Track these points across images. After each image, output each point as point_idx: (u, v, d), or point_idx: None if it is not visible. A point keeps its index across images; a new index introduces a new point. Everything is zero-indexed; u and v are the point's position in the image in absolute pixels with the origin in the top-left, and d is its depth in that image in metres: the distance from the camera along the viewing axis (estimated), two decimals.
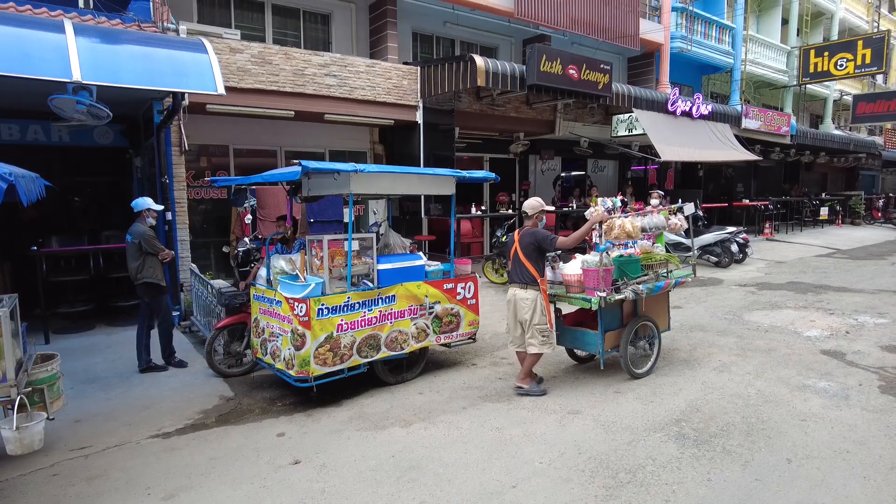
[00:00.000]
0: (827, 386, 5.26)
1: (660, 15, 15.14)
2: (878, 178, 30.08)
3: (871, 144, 23.34)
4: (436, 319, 5.52)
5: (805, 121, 23.90)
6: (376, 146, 11.32)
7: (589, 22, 12.74)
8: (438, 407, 4.94)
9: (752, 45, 18.96)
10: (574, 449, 4.05)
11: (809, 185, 24.50)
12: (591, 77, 10.62)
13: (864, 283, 10.51)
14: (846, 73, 19.32)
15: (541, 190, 15.26)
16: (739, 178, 19.60)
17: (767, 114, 17.11)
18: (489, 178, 6.00)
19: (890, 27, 25.37)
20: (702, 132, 13.96)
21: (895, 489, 3.52)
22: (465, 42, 13.08)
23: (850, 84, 24.55)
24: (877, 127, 26.37)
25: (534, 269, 4.99)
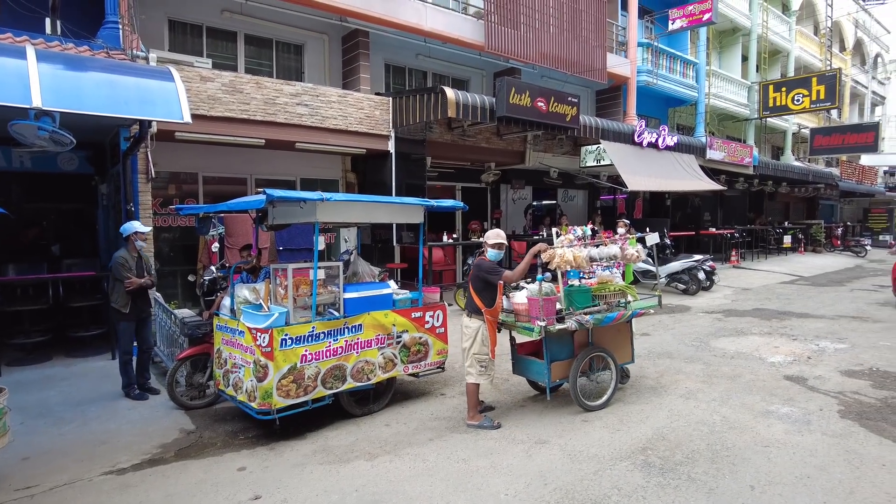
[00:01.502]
0: (789, 411, 5.34)
1: (626, 50, 15.65)
2: (836, 208, 31.17)
3: (829, 175, 24.25)
4: (404, 349, 5.47)
5: (767, 152, 24.76)
6: (348, 174, 11.34)
7: (558, 56, 13.09)
8: (405, 439, 4.86)
9: (715, 80, 19.68)
10: (540, 480, 4.02)
11: (773, 214, 25.26)
12: (560, 109, 10.86)
13: (825, 310, 10.79)
14: (803, 107, 20.15)
15: (512, 218, 15.44)
16: (706, 207, 20.12)
17: (731, 145, 17.68)
18: (458, 206, 6.04)
19: (841, 65, 26.64)
20: (668, 163, 14.34)
21: None
22: (437, 74, 13.31)
23: (807, 118, 25.57)
24: (833, 159, 27.44)
25: (479, 299, 5.02)
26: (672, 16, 16.89)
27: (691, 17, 16.45)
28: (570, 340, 5.38)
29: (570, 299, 5.31)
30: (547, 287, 5.09)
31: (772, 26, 22.01)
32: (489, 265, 5.02)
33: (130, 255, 6.07)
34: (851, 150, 24.96)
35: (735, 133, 22.56)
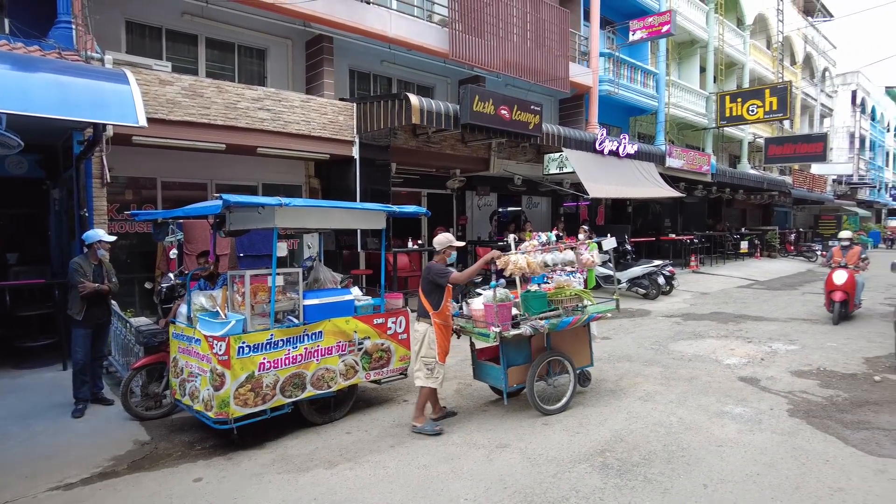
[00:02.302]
0: (742, 412, 5.50)
1: (588, 59, 15.96)
2: (790, 214, 32.32)
3: (782, 183, 25.15)
4: (365, 355, 5.44)
5: (724, 160, 25.53)
6: (312, 180, 11.24)
7: (521, 65, 13.26)
8: (366, 446, 4.83)
9: (675, 90, 20.21)
10: (500, 483, 4.04)
11: (731, 220, 26.05)
12: (523, 117, 11.00)
13: (779, 312, 11.16)
14: (757, 118, 20.86)
15: (478, 224, 15.53)
16: (666, 213, 20.60)
17: (689, 153, 18.18)
18: (420, 213, 6.05)
19: (792, 78, 27.72)
20: (628, 170, 14.65)
21: None
22: (402, 80, 13.32)
23: (761, 128, 26.48)
24: (787, 167, 28.46)
25: (427, 302, 5.04)
26: (632, 27, 17.31)
27: (651, 29, 16.89)
28: (528, 345, 5.43)
29: (527, 304, 5.35)
30: (502, 293, 5.10)
31: (727, 39, 22.75)
32: (438, 267, 5.05)
33: (89, 262, 5.88)
34: (802, 159, 25.96)
35: (694, 142, 23.20)
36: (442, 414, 5.36)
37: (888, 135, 47.65)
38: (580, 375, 6.02)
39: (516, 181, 14.15)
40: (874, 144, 43.56)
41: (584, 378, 6.14)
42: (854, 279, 9.78)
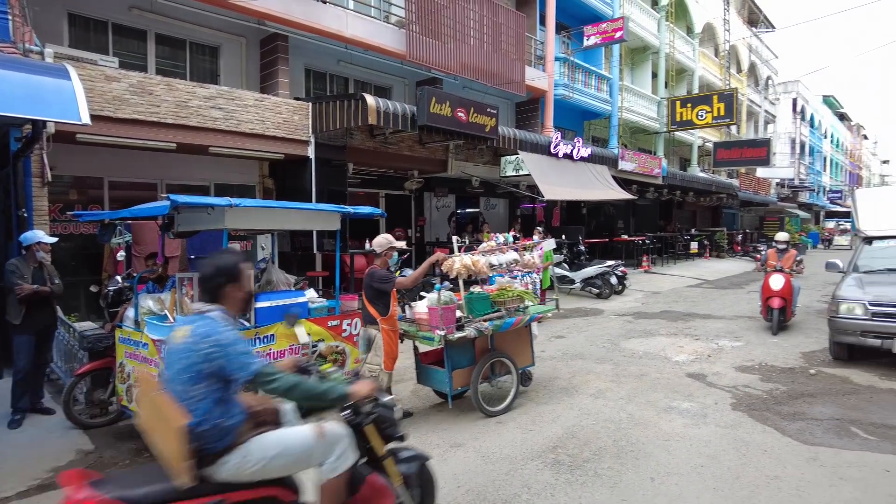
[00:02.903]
0: (689, 406, 5.71)
1: (544, 64, 16.23)
2: (737, 216, 33.61)
3: (730, 186, 26.15)
4: (319, 358, 5.39)
5: (675, 164, 26.36)
6: (266, 180, 11.07)
7: (479, 67, 13.38)
8: None
9: (628, 95, 20.76)
10: (454, 482, 4.08)
11: (681, 221, 26.92)
12: (479, 120, 11.11)
13: (726, 310, 11.61)
14: (706, 122, 21.62)
15: (436, 226, 15.58)
16: (620, 215, 21.13)
17: (641, 157, 18.71)
18: (376, 213, 6.05)
19: (738, 85, 28.87)
20: (582, 173, 14.97)
21: (738, 497, 3.85)
22: (358, 81, 13.25)
23: (710, 132, 27.47)
24: (734, 171, 29.60)
25: (374, 309, 4.96)
26: (587, 32, 17.69)
27: (604, 35, 17.30)
28: (472, 347, 5.40)
29: (471, 307, 5.33)
30: (446, 296, 5.06)
31: (678, 46, 23.52)
32: (382, 273, 4.99)
33: (27, 265, 5.62)
34: (748, 163, 27.06)
35: (646, 145, 23.86)
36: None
37: (825, 141, 50.13)
38: (522, 375, 6.06)
39: (474, 183, 14.27)
40: (813, 150, 45.75)
41: (525, 378, 6.18)
42: (791, 284, 9.25)
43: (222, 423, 2.40)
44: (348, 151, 10.91)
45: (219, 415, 2.39)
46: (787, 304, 9.25)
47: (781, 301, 9.15)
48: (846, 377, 6.71)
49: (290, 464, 2.53)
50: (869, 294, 7.11)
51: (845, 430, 5.04)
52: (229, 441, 2.41)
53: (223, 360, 2.37)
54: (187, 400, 2.37)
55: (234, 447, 2.41)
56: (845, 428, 5.10)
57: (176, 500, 2.25)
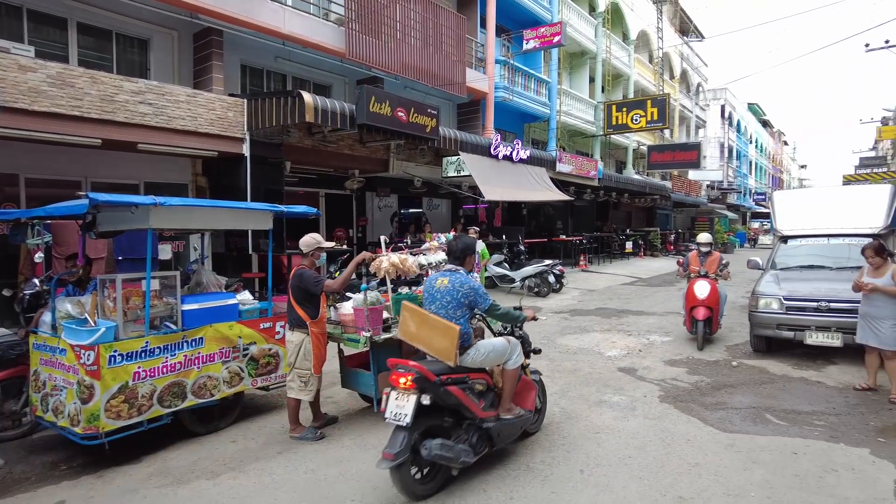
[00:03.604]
0: (619, 400, 5.92)
1: (485, 66, 16.42)
2: (670, 217, 35.07)
3: (663, 188, 27.26)
4: (251, 361, 5.27)
5: (612, 166, 27.23)
6: (199, 178, 10.70)
7: (419, 68, 13.39)
8: (252, 454, 4.68)
9: (566, 99, 21.29)
10: (389, 482, 4.06)
11: (617, 222, 27.84)
12: (420, 120, 11.13)
13: (658, 307, 12.09)
14: (640, 126, 22.46)
15: (379, 226, 15.49)
16: (559, 215, 21.65)
17: (578, 159, 19.22)
18: (310, 213, 5.96)
19: (670, 91, 30.13)
20: (522, 175, 15.24)
21: (662, 485, 4.03)
22: (297, 78, 13.00)
23: (644, 136, 28.54)
24: (667, 173, 30.87)
25: (302, 310, 4.85)
26: (526, 36, 18.03)
27: (543, 39, 17.68)
28: (398, 349, 5.29)
29: (398, 307, 5.29)
30: (373, 296, 4.99)
31: (614, 52, 24.33)
32: (311, 274, 4.89)
33: None
34: (680, 165, 28.29)
35: (584, 148, 24.55)
36: (324, 421, 5.26)
37: (751, 146, 53.06)
38: None
39: (416, 183, 14.27)
40: (740, 154, 48.33)
41: None
42: (717, 291, 8.24)
43: (468, 332, 4.12)
44: (285, 149, 10.69)
45: (465, 328, 4.07)
46: (714, 315, 8.25)
47: (707, 311, 8.14)
48: (764, 368, 7.13)
49: (495, 358, 4.27)
50: (784, 290, 7.58)
51: (760, 418, 5.36)
52: (468, 342, 4.13)
53: (474, 296, 4.10)
54: (453, 318, 4.04)
55: (470, 347, 4.12)
56: (760, 415, 5.42)
57: (449, 373, 3.92)
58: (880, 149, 47.78)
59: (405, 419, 3.68)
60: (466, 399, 3.99)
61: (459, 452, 3.81)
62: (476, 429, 4.06)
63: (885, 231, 8.41)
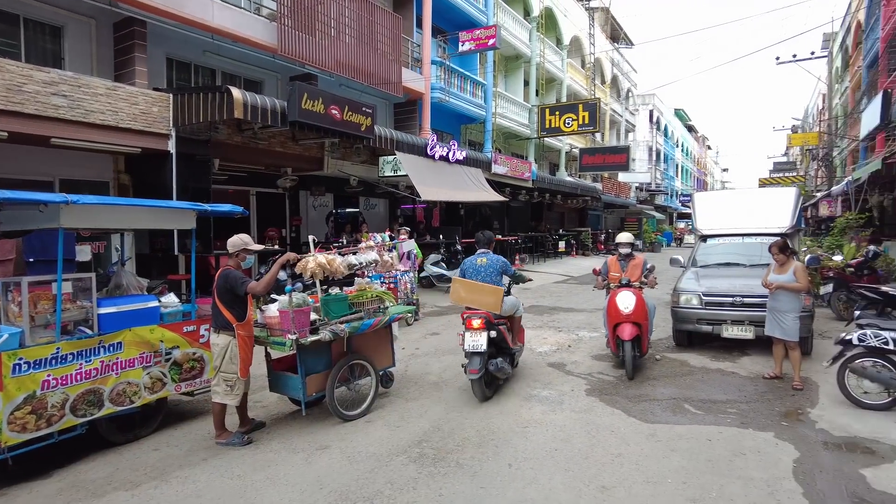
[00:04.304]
0: (548, 394, 6.08)
1: (421, 66, 16.46)
2: (601, 217, 36.32)
3: (594, 189, 28.19)
4: (174, 366, 5.07)
5: (546, 168, 27.92)
6: (122, 176, 10.17)
7: (354, 66, 13.26)
8: (175, 462, 4.51)
9: (501, 101, 21.65)
10: (316, 485, 4.02)
11: (551, 222, 28.57)
12: (354, 118, 11.03)
13: (587, 304, 12.49)
14: (572, 130, 23.13)
15: (313, 225, 15.23)
16: (495, 216, 21.99)
17: (513, 161, 19.60)
18: (236, 211, 5.80)
19: (601, 96, 31.20)
20: (458, 175, 15.38)
21: (587, 475, 4.18)
22: (227, 73, 12.58)
23: (576, 139, 29.43)
24: (598, 175, 31.94)
25: (228, 312, 4.72)
26: (462, 38, 18.20)
27: (478, 41, 17.90)
28: (328, 351, 5.26)
29: (327, 309, 5.23)
30: (298, 298, 4.92)
31: (548, 57, 24.94)
32: (236, 275, 4.75)
33: None
34: (610, 168, 29.33)
35: (519, 150, 25.03)
36: (251, 426, 5.13)
37: (677, 150, 55.72)
38: (383, 376, 6.07)
39: (352, 182, 14.13)
40: (667, 157, 50.67)
41: (386, 379, 6.17)
42: (644, 302, 6.79)
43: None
44: (214, 146, 10.34)
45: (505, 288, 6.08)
46: (643, 333, 6.77)
47: (634, 329, 6.60)
48: (685, 361, 7.51)
49: (510, 309, 6.24)
50: (703, 286, 8.01)
51: (679, 408, 5.65)
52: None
53: (504, 266, 6.15)
54: (495, 282, 5.95)
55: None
56: (680, 405, 5.71)
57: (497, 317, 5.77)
58: (791, 154, 51.36)
59: (481, 347, 5.54)
60: (505, 335, 6.06)
61: (506, 367, 5.91)
62: (508, 354, 6.16)
63: (792, 230, 9.05)
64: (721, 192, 13.84)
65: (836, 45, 30.95)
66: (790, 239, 8.36)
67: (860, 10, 23.80)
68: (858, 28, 24.71)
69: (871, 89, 20.43)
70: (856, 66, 25.30)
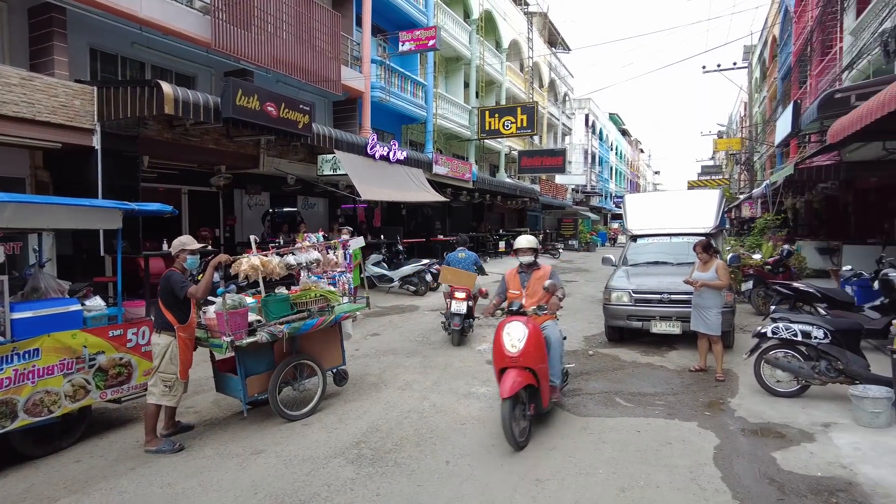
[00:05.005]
0: (486, 391, 6.19)
1: (361, 65, 16.32)
2: (540, 218, 37.15)
3: (532, 191, 28.81)
4: (99, 373, 4.82)
5: (486, 170, 28.27)
6: (40, 173, 9.56)
7: (292, 63, 13.00)
8: (100, 473, 4.30)
9: (442, 102, 21.76)
10: (251, 490, 3.94)
11: (492, 222, 28.99)
12: (291, 116, 10.82)
13: None
14: (511, 132, 23.55)
15: (249, 225, 14.83)
16: (437, 216, 22.08)
17: (454, 162, 19.75)
18: (165, 210, 5.59)
19: (539, 99, 31.92)
20: (399, 175, 15.36)
21: (522, 469, 4.28)
22: (157, 67, 12.05)
23: (515, 141, 29.97)
24: (536, 177, 32.66)
25: (169, 314, 4.67)
26: (402, 38, 18.18)
27: (418, 42, 17.94)
28: (270, 352, 5.19)
29: (267, 309, 5.17)
30: (234, 300, 4.84)
31: (487, 59, 25.27)
32: (178, 278, 4.69)
33: None
34: (548, 170, 30.07)
35: (460, 151, 25.25)
36: (175, 429, 4.99)
37: (611, 153, 57.71)
38: (336, 375, 6.08)
39: (290, 181, 13.85)
40: (602, 160, 52.38)
41: (339, 377, 6.18)
42: (539, 337, 4.80)
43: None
44: (142, 143, 9.89)
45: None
46: (539, 378, 4.73)
47: (521, 377, 4.55)
48: (616, 356, 7.81)
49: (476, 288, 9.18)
50: (633, 283, 8.35)
51: (610, 401, 5.88)
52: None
53: (476, 261, 9.36)
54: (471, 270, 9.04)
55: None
56: (611, 399, 5.95)
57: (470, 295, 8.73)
58: (717, 158, 54.19)
59: (462, 310, 8.41)
60: (474, 303, 8.84)
61: (472, 323, 8.87)
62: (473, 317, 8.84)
63: (715, 230, 9.58)
64: (650, 194, 14.47)
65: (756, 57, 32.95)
66: (713, 238, 8.85)
67: (775, 25, 25.45)
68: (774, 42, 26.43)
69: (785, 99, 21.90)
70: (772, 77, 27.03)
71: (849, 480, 4.00)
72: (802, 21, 18.53)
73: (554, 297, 5.20)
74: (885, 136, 7.84)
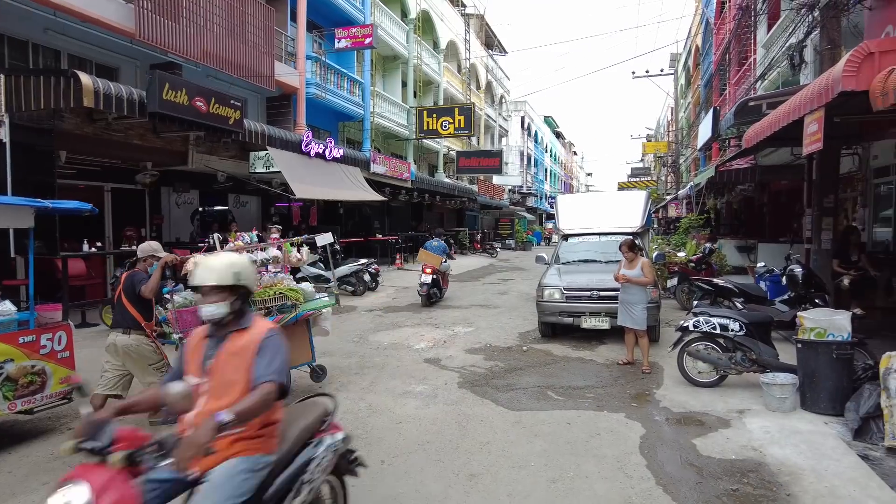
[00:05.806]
0: (422, 389, 6.22)
1: (296, 61, 15.99)
2: (478, 218, 37.62)
3: (470, 191, 29.15)
4: (8, 382, 4.51)
5: (425, 170, 28.35)
6: None
7: (223, 57, 12.58)
8: (8, 490, 4.03)
9: (379, 101, 21.65)
10: None
11: (431, 222, 29.07)
12: (221, 111, 10.49)
13: (464, 300, 12.91)
14: (449, 133, 23.73)
15: (177, 224, 14.27)
16: (375, 215, 21.97)
17: (392, 161, 19.70)
18: (84, 209, 5.30)
19: (476, 101, 32.31)
20: (335, 173, 15.18)
21: (456, 465, 4.34)
22: (75, 56, 11.35)
23: (454, 142, 30.21)
24: (474, 177, 33.04)
25: (138, 313, 4.75)
26: (338, 35, 17.95)
27: (355, 39, 17.77)
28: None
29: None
30: (183, 297, 4.86)
31: (425, 59, 25.33)
32: (140, 277, 4.78)
33: None
34: (485, 171, 30.49)
35: (398, 150, 25.20)
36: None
37: (546, 155, 59.13)
38: (312, 371, 6.19)
39: (220, 178, 13.42)
40: (537, 162, 53.58)
41: (315, 373, 6.26)
42: None
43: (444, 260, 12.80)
44: (59, 136, 9.32)
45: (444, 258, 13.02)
46: None
47: None
48: (549, 351, 8.03)
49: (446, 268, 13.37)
50: (564, 281, 8.61)
51: (543, 395, 6.04)
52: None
53: (444, 248, 13.17)
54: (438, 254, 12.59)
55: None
56: (543, 393, 6.12)
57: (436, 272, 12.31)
58: (646, 161, 56.61)
59: (429, 280, 11.90)
60: (443, 280, 12.69)
61: (437, 294, 12.38)
62: (439, 289, 12.41)
63: (642, 230, 10.02)
64: (581, 195, 14.97)
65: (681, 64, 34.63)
66: (640, 237, 9.25)
67: (698, 35, 26.86)
68: (697, 51, 27.87)
69: (707, 105, 23.14)
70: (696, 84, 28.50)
71: (759, 461, 4.30)
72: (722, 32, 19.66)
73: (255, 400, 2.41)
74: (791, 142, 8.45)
